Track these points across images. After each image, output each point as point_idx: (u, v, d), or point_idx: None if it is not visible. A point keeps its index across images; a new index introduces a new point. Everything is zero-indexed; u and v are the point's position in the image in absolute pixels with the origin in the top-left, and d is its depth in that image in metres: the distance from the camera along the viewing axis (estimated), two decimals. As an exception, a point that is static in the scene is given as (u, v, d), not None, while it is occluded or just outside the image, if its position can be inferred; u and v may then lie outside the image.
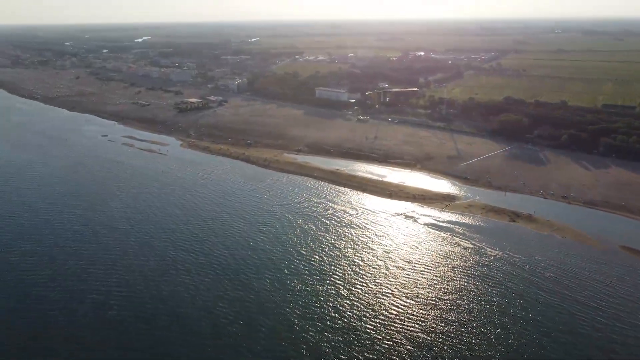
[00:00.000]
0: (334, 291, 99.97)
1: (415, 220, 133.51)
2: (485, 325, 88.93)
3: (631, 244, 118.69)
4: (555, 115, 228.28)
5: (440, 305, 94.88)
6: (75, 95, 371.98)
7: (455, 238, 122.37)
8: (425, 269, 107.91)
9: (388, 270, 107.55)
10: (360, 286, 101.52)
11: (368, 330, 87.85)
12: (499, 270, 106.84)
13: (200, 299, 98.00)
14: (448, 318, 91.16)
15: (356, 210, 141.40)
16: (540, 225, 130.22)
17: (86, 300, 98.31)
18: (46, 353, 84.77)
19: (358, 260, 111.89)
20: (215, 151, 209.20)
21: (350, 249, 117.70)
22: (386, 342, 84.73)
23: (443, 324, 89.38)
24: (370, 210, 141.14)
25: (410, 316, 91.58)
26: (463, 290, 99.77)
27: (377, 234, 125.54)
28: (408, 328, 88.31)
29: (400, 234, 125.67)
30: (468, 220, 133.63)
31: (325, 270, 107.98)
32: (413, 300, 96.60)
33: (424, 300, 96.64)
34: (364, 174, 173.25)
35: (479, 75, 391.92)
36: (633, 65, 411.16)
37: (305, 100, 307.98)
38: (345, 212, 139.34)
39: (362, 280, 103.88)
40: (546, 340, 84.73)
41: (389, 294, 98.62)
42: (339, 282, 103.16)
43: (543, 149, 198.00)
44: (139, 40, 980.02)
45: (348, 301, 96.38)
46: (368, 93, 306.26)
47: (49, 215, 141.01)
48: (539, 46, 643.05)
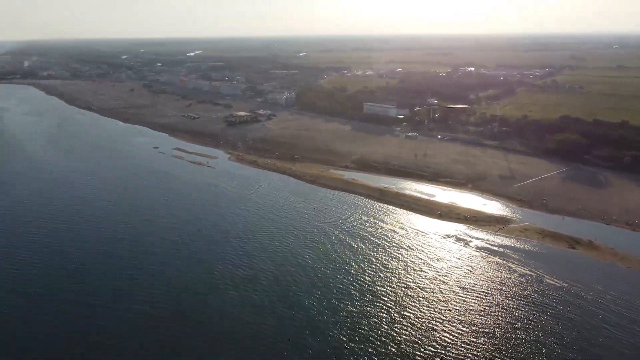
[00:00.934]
0: (385, 314, 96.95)
1: (467, 244, 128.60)
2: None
3: None
4: (615, 135, 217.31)
5: (496, 335, 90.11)
6: (129, 107, 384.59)
7: (510, 264, 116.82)
8: (479, 295, 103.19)
9: (440, 294, 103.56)
10: (412, 310, 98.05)
11: (419, 358, 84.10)
12: (559, 301, 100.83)
13: (247, 315, 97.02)
14: (505, 348, 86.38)
15: (405, 230, 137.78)
16: (602, 253, 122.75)
17: (134, 310, 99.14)
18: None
19: (409, 283, 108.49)
20: (263, 165, 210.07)
21: (401, 270, 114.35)
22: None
23: (500, 355, 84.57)
24: (420, 230, 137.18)
25: (465, 344, 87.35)
26: (521, 320, 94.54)
27: (428, 256, 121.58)
28: (462, 357, 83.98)
29: (451, 257, 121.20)
30: (523, 245, 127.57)
31: (376, 292, 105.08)
32: (467, 327, 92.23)
33: (479, 328, 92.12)
34: (412, 193, 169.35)
35: (533, 92, 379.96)
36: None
37: (353, 115, 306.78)
38: (394, 232, 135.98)
39: (414, 304, 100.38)
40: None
41: (442, 319, 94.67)
42: (390, 305, 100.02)
43: (603, 170, 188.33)
44: (191, 54, 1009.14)
45: (399, 325, 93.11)
46: (417, 109, 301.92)
47: (102, 225, 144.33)
48: (596, 62, 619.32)
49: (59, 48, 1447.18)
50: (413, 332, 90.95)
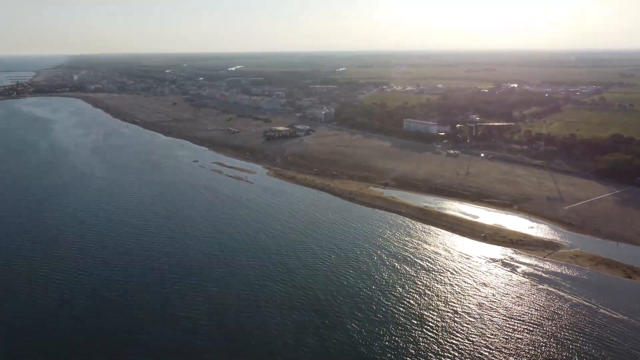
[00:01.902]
0: (432, 341, 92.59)
1: (515, 269, 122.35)
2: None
3: None
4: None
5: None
6: (171, 121, 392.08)
7: (561, 292, 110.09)
8: (530, 325, 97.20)
9: (489, 322, 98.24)
10: (460, 338, 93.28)
11: (465, 393, 79.32)
12: (617, 334, 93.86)
13: (287, 335, 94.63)
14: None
15: (449, 252, 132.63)
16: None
17: (175, 327, 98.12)
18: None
19: (456, 309, 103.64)
20: (301, 181, 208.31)
21: (446, 295, 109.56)
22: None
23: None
24: (464, 253, 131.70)
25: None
26: (576, 354, 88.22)
27: (474, 280, 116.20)
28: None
29: (498, 282, 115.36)
30: (575, 272, 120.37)
31: (422, 317, 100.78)
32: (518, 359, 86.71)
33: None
34: (455, 213, 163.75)
35: (580, 110, 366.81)
36: None
37: (392, 132, 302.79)
38: (438, 254, 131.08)
39: (462, 331, 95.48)
40: None
41: (492, 349, 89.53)
42: (437, 332, 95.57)
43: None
44: (232, 68, 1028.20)
45: (448, 355, 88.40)
46: (459, 126, 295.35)
47: (145, 237, 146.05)
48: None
49: (106, 62, 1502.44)
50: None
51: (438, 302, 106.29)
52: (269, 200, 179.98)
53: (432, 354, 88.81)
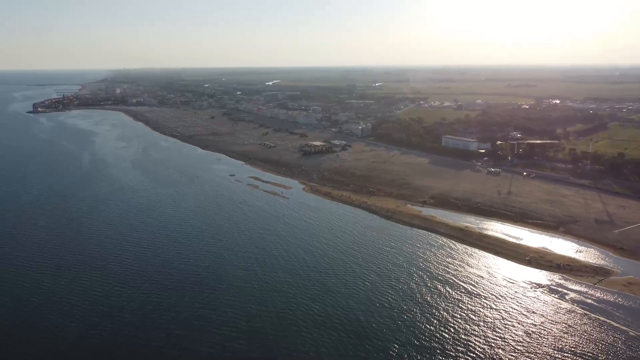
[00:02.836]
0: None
1: (563, 296, 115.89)
2: None
3: None
4: None
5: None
6: (209, 135, 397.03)
7: (615, 323, 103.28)
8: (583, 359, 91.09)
9: (538, 353, 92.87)
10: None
11: None
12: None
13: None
14: None
15: (492, 276, 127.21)
16: None
17: (212, 345, 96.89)
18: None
19: (503, 336, 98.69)
20: (337, 197, 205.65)
21: (492, 321, 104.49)
22: None
23: None
24: (508, 278, 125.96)
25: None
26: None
27: (520, 306, 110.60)
28: None
29: (546, 310, 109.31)
30: (629, 302, 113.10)
31: (468, 344, 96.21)
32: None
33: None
34: (497, 234, 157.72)
35: (627, 127, 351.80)
36: None
37: (430, 148, 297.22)
38: (480, 277, 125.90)
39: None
40: None
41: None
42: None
43: None
44: (270, 83, 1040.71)
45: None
46: (499, 143, 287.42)
47: (184, 250, 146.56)
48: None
49: (148, 76, 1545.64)
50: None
51: (485, 329, 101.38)
52: (306, 217, 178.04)
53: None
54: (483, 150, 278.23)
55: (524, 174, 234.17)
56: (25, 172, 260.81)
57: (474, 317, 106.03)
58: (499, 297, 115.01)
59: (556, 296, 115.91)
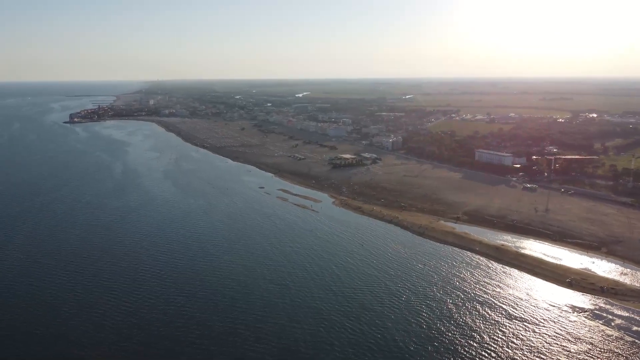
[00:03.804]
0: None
1: (608, 322, 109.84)
2: None
3: None
4: None
5: None
6: (239, 146, 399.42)
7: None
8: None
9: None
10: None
11: None
12: None
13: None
14: None
15: (532, 298, 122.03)
16: None
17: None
18: None
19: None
20: (368, 212, 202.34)
21: (536, 346, 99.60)
22: None
23: None
24: (547, 301, 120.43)
25: None
26: None
27: (563, 332, 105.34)
28: None
29: (592, 337, 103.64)
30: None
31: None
32: None
33: None
34: (535, 254, 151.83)
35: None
36: None
37: (463, 163, 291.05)
38: (519, 299, 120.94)
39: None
40: None
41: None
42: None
43: None
44: (300, 95, 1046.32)
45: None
46: (535, 158, 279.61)
47: (214, 262, 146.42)
48: None
49: (181, 88, 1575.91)
50: None
51: (529, 355, 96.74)
52: (337, 231, 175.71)
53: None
54: (518, 165, 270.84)
55: (562, 190, 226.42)
56: (59, 183, 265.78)
57: (515, 342, 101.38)
58: (541, 321, 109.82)
59: (601, 322, 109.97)
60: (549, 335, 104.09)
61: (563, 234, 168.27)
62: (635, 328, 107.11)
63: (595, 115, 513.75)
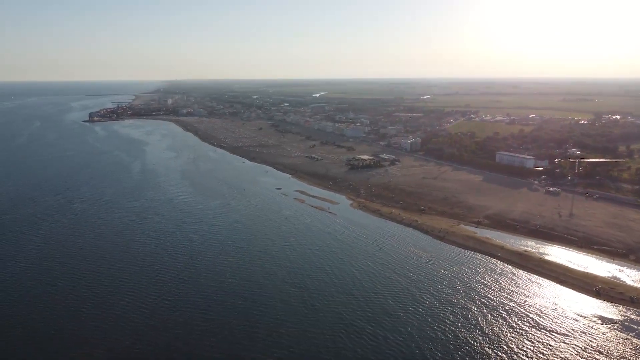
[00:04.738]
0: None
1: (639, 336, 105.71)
2: None
3: None
4: None
5: None
6: (256, 146, 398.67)
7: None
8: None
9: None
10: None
11: None
12: None
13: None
14: None
15: (558, 307, 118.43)
16: None
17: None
18: None
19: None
20: (386, 215, 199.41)
21: (564, 359, 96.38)
22: None
23: None
24: (574, 311, 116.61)
25: None
26: None
27: (593, 344, 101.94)
28: None
29: (623, 350, 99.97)
30: None
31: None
32: None
33: None
34: (559, 261, 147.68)
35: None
36: None
37: (483, 165, 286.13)
38: (545, 308, 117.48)
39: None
40: None
41: None
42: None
43: None
44: (317, 95, 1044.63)
45: None
46: (558, 160, 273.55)
47: (234, 264, 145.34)
48: None
49: (199, 87, 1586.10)
50: None
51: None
52: (356, 234, 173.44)
53: None
54: (540, 168, 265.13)
55: (586, 194, 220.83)
56: (78, 182, 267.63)
57: (544, 353, 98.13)
58: (570, 332, 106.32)
59: (632, 334, 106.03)
60: (580, 347, 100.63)
61: (588, 240, 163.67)
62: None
63: (618, 116, 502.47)
